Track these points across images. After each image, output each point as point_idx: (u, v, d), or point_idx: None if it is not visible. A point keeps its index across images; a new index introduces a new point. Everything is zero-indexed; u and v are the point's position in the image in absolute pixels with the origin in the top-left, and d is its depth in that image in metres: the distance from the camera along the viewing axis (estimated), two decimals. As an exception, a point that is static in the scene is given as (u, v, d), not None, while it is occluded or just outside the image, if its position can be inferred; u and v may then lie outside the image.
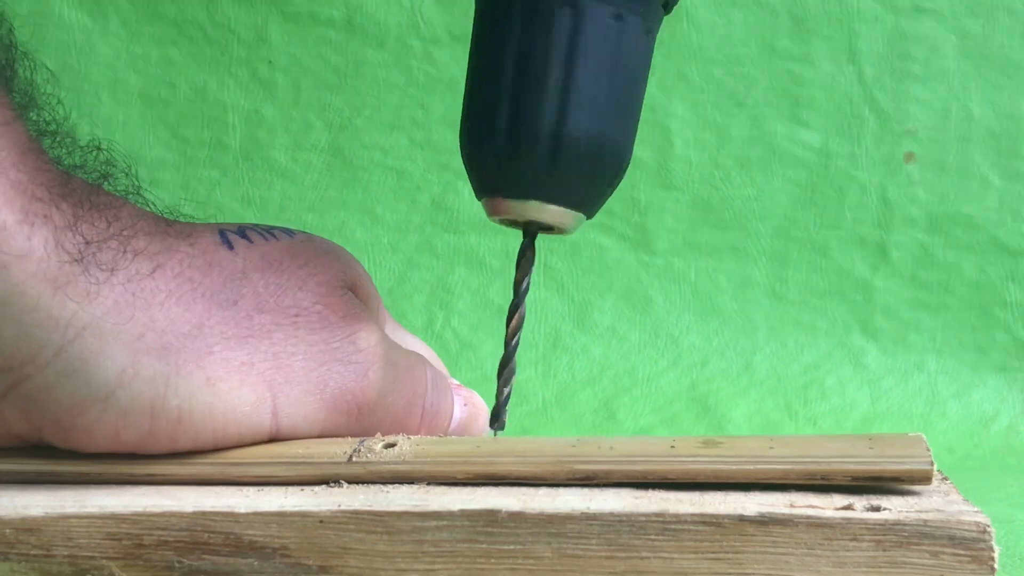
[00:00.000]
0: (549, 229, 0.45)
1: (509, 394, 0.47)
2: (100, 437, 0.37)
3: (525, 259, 0.46)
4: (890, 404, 0.87)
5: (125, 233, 0.37)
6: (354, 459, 0.38)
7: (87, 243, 0.36)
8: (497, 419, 0.47)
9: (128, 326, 0.36)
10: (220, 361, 0.38)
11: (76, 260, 0.35)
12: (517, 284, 0.46)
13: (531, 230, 0.45)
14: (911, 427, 0.85)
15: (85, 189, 0.37)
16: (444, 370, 0.50)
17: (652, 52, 0.44)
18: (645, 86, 0.44)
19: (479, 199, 0.45)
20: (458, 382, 0.49)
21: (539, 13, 0.42)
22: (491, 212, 0.45)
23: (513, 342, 0.46)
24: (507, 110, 0.42)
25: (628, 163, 0.44)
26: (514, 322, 0.46)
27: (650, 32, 0.43)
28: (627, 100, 0.43)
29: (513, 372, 0.47)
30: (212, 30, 0.90)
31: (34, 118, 0.38)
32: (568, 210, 0.43)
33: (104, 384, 0.36)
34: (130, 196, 0.40)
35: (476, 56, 0.44)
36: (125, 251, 0.37)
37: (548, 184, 0.42)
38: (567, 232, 0.45)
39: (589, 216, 0.45)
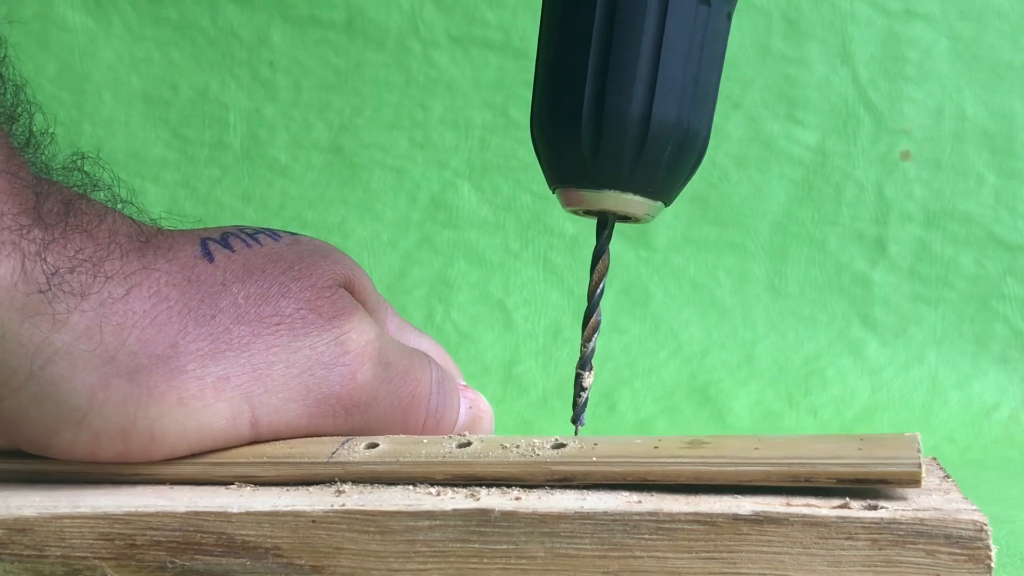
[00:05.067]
0: (624, 218, 0.43)
1: (587, 399, 0.44)
2: (77, 454, 0.38)
3: (601, 261, 0.43)
4: (891, 394, 0.87)
5: (98, 255, 0.37)
6: (333, 459, 0.38)
7: (55, 271, 0.36)
8: (576, 422, 0.44)
9: (99, 350, 0.37)
10: (193, 379, 0.38)
11: (43, 290, 0.35)
12: (593, 289, 0.44)
13: (606, 220, 0.43)
14: (912, 416, 0.85)
15: (61, 209, 0.37)
16: (455, 369, 0.49)
17: (728, 37, 0.42)
18: (721, 72, 0.42)
19: (552, 190, 0.43)
20: (465, 383, 0.49)
21: None
22: (566, 203, 0.43)
23: (590, 346, 0.44)
24: (590, 98, 0.40)
25: (706, 150, 0.43)
26: (588, 329, 0.44)
27: (729, 16, 0.42)
28: (709, 86, 0.41)
29: (591, 370, 0.44)
30: (214, 33, 0.90)
31: (15, 130, 0.38)
32: (648, 200, 0.42)
33: (75, 408, 0.37)
34: (115, 205, 0.40)
35: (551, 41, 0.42)
36: (96, 275, 0.37)
37: (631, 174, 0.41)
38: (643, 221, 0.43)
39: (667, 204, 0.43)
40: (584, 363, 0.44)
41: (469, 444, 0.39)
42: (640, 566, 0.34)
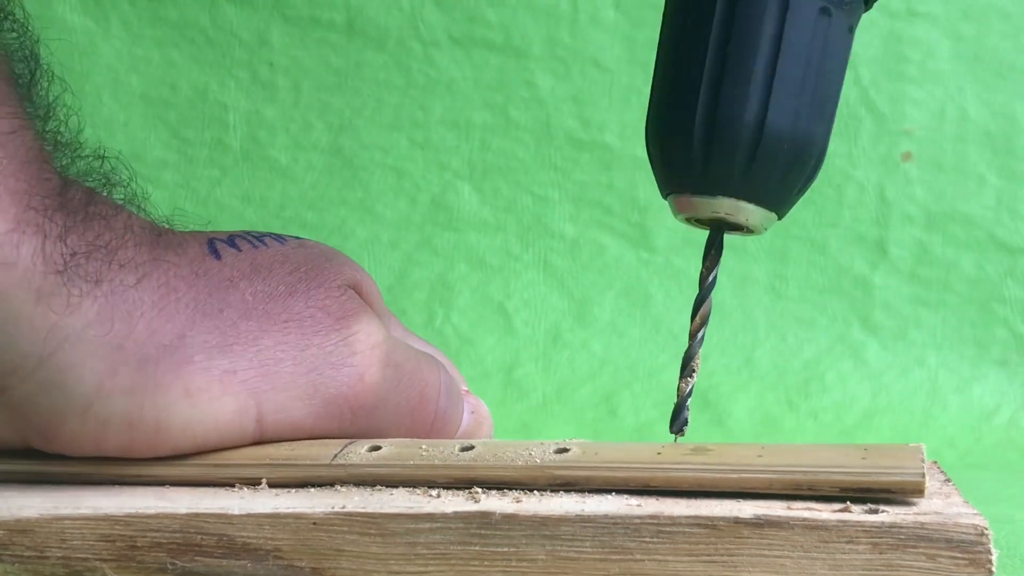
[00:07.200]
0: (737, 228, 0.42)
1: (690, 393, 0.43)
2: (82, 446, 0.38)
3: (712, 254, 0.43)
4: (891, 398, 0.87)
5: (113, 244, 0.37)
6: (335, 461, 0.38)
7: (73, 254, 0.36)
8: (676, 420, 0.43)
9: (108, 337, 0.37)
10: (200, 371, 0.38)
11: (59, 271, 0.36)
12: (703, 279, 0.43)
13: (719, 229, 0.42)
14: (912, 421, 0.85)
15: (82, 199, 0.37)
16: (458, 375, 0.50)
17: (851, 50, 0.42)
18: (842, 84, 0.42)
19: (664, 197, 0.43)
20: (467, 388, 0.49)
21: (744, 3, 0.40)
22: (677, 210, 0.42)
23: (698, 337, 0.43)
24: (706, 103, 0.40)
25: (822, 162, 0.42)
26: (697, 320, 0.43)
27: (852, 29, 0.41)
28: (828, 98, 0.41)
29: (695, 371, 0.43)
30: (214, 33, 0.90)
31: (46, 128, 0.38)
32: (761, 209, 0.41)
33: (82, 396, 0.37)
34: (128, 204, 0.40)
35: (670, 45, 0.42)
36: (111, 262, 0.37)
37: (744, 181, 0.40)
38: (756, 232, 0.42)
39: (780, 216, 0.42)
40: (690, 358, 0.43)
41: (472, 448, 0.39)
42: (641, 569, 0.34)
